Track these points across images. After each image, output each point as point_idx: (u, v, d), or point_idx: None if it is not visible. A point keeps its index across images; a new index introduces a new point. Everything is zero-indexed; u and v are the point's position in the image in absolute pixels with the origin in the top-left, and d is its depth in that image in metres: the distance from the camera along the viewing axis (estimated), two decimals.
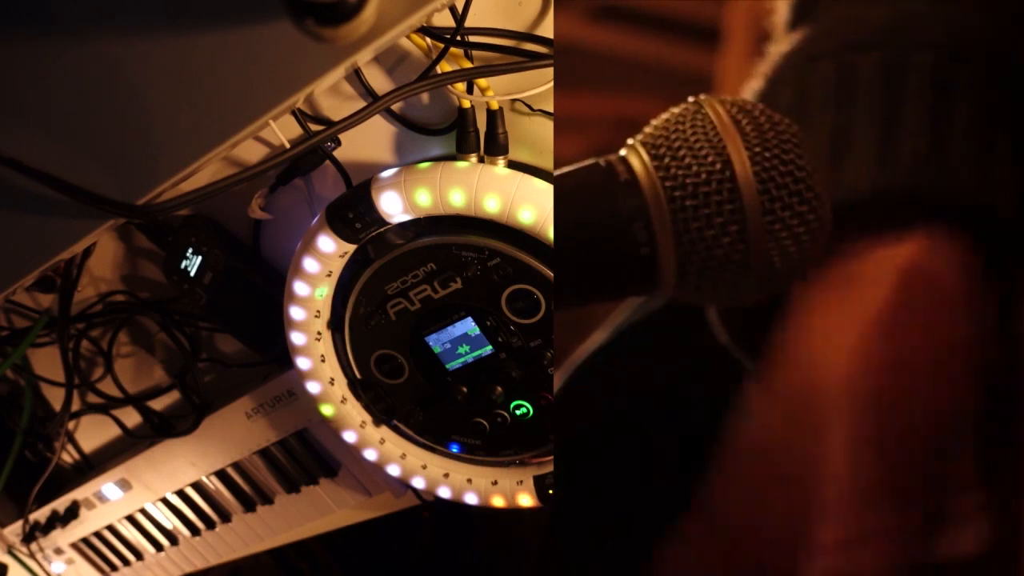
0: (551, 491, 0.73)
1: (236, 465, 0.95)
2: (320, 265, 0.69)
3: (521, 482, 0.74)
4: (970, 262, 0.40)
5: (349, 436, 0.79)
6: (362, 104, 0.62)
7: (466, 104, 0.62)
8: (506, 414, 0.72)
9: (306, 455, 0.92)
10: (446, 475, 0.78)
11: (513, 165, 0.64)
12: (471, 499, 0.77)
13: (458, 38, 0.59)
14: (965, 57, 0.43)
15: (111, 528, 1.08)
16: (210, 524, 1.02)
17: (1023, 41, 0.44)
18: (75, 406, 0.97)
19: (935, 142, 0.42)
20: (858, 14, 0.46)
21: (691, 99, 0.41)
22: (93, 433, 1.04)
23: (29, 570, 1.12)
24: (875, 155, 0.42)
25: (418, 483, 0.79)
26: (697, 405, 0.48)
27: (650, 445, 0.49)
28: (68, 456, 1.07)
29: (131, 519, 1.06)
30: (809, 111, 0.44)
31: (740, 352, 0.46)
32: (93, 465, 1.07)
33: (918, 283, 0.40)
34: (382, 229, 0.66)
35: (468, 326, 0.68)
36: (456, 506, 0.79)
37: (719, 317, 0.46)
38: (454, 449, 0.77)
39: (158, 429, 0.96)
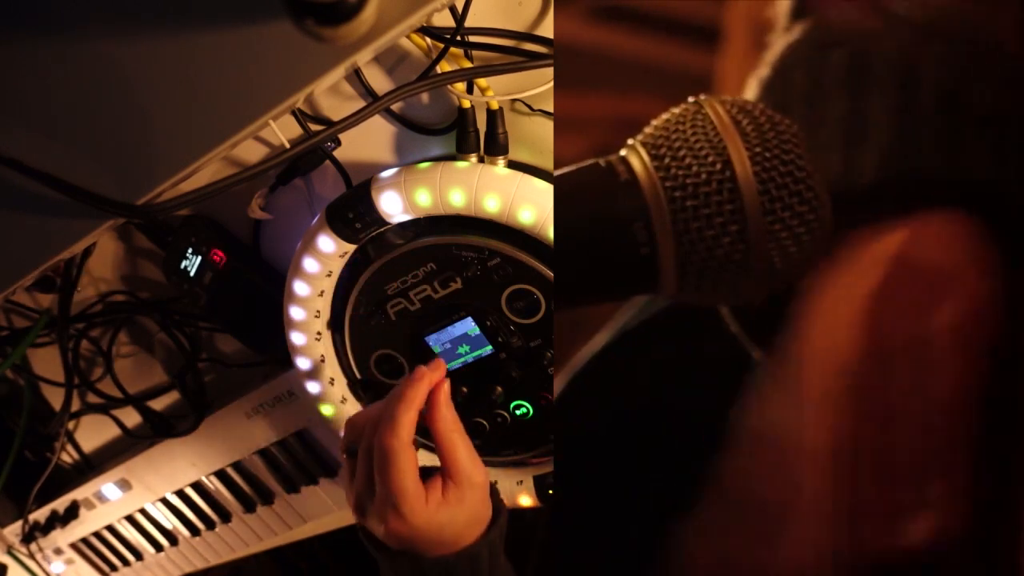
0: (551, 491, 0.73)
1: (236, 465, 0.95)
2: (320, 265, 0.69)
3: (521, 482, 0.74)
4: (976, 248, 0.40)
5: None
6: (362, 104, 0.62)
7: (466, 104, 0.62)
8: (506, 414, 0.72)
9: (306, 455, 0.92)
10: None
11: (513, 165, 0.64)
12: None
13: (458, 38, 0.59)
14: (978, 48, 0.43)
15: (111, 528, 1.08)
16: (210, 524, 1.02)
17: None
18: (75, 406, 0.97)
19: (947, 130, 0.42)
20: (864, 3, 0.46)
21: (691, 99, 0.41)
22: (93, 433, 1.04)
23: (29, 570, 1.12)
24: (887, 143, 0.42)
25: None
26: (700, 406, 0.48)
27: (652, 446, 0.49)
28: (68, 456, 1.07)
29: (131, 519, 1.06)
30: (821, 99, 0.44)
31: (750, 344, 0.46)
32: (93, 465, 1.07)
33: (907, 269, 0.40)
34: (382, 229, 0.66)
35: (468, 326, 0.68)
36: None
37: (730, 311, 0.46)
38: None
39: (158, 429, 0.96)
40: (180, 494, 1.00)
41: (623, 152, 0.41)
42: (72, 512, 1.06)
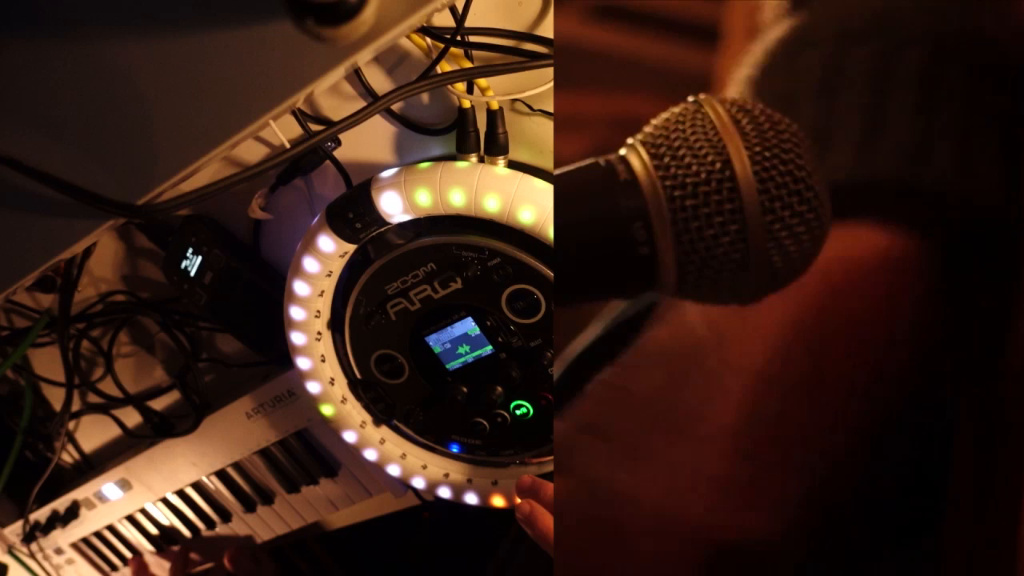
0: None
1: (236, 465, 0.95)
2: (320, 265, 0.69)
3: None
4: (927, 257, 0.40)
5: (349, 436, 0.79)
6: (362, 104, 0.62)
7: (466, 104, 0.62)
8: (506, 414, 0.72)
9: (306, 455, 0.92)
10: (446, 475, 0.78)
11: (513, 165, 0.64)
12: (471, 499, 0.77)
13: (458, 38, 0.59)
14: (953, 53, 0.43)
15: (111, 528, 1.08)
16: (210, 524, 1.02)
17: (1011, 38, 0.44)
18: (75, 406, 0.97)
19: (919, 136, 0.42)
20: (852, 3, 0.46)
21: (691, 98, 0.41)
22: (93, 433, 1.04)
23: (29, 570, 1.12)
24: (857, 146, 0.42)
25: (418, 483, 0.80)
26: None
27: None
28: (68, 456, 1.07)
29: (131, 519, 1.06)
30: (797, 99, 0.44)
31: None
32: (93, 465, 1.07)
33: (849, 274, 0.40)
34: (382, 229, 0.66)
35: (468, 326, 0.68)
36: (456, 506, 0.79)
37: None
38: (454, 449, 0.77)
39: (158, 429, 0.96)
40: (180, 494, 1.01)
41: (622, 151, 0.41)
42: (72, 512, 1.05)
